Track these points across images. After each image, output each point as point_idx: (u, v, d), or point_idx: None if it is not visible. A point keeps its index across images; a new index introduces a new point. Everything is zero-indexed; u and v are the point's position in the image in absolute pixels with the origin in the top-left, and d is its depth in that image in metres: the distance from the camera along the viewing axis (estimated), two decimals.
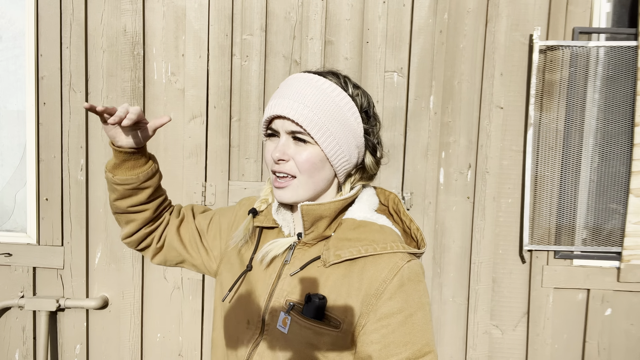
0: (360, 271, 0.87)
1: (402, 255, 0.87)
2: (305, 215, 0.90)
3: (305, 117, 0.86)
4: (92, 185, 2.05)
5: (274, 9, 1.96)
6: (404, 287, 0.84)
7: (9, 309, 2.10)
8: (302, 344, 0.85)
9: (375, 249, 0.87)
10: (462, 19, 1.95)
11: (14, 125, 2.08)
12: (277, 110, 0.87)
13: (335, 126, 0.89)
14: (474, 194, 1.99)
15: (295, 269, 0.92)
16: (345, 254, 0.87)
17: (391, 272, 0.84)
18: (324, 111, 0.87)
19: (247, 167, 2.00)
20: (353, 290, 0.85)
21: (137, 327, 2.07)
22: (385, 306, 0.83)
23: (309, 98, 0.87)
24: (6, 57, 2.06)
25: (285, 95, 0.88)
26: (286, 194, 0.90)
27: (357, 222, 0.91)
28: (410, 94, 1.96)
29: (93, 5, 1.98)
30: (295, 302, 0.88)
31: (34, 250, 2.06)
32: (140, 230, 1.09)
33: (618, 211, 1.98)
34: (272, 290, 0.93)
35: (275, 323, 0.89)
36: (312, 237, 0.93)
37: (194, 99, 1.98)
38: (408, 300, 0.84)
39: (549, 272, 2.00)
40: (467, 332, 2.03)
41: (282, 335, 0.88)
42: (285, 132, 0.88)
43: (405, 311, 0.83)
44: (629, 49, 1.91)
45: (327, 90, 0.89)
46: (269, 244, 0.94)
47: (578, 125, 1.97)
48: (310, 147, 0.88)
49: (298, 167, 0.88)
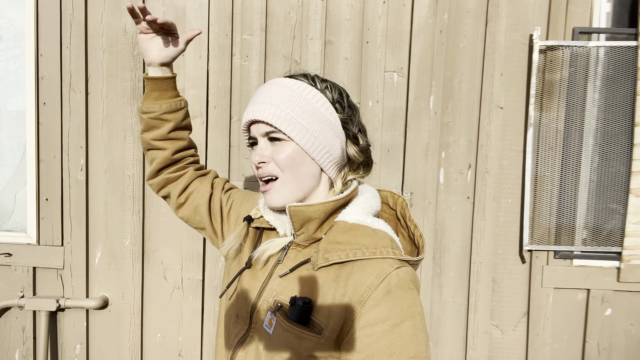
0: (347, 276, 0.83)
1: (391, 262, 0.83)
2: (293, 217, 0.90)
3: (273, 115, 0.88)
4: (92, 185, 2.05)
5: (274, 9, 1.96)
6: (390, 295, 0.79)
7: (9, 309, 2.10)
8: (284, 347, 0.84)
9: (364, 254, 0.83)
10: (462, 19, 1.95)
11: (14, 125, 2.08)
12: (249, 116, 0.91)
13: (307, 119, 0.89)
14: (474, 194, 1.99)
15: (285, 270, 0.91)
16: (333, 257, 0.85)
17: (377, 279, 0.80)
18: (292, 107, 0.89)
19: (247, 167, 2.00)
20: (338, 296, 0.83)
21: (137, 327, 2.07)
22: (369, 314, 0.79)
23: (277, 98, 0.89)
24: (6, 57, 2.06)
25: (255, 101, 0.92)
26: (273, 196, 0.91)
27: (349, 225, 0.88)
28: (410, 94, 1.96)
29: (93, 5, 1.98)
30: (283, 303, 0.88)
31: (34, 250, 2.06)
32: (161, 172, 1.16)
33: (618, 211, 1.98)
34: (262, 289, 0.93)
35: (261, 322, 0.91)
36: (303, 238, 0.92)
37: (194, 99, 1.98)
38: (395, 308, 0.79)
39: (549, 272, 2.00)
40: (467, 332, 2.03)
41: (267, 335, 0.88)
42: (261, 136, 0.91)
43: (391, 320, 0.78)
44: (629, 49, 1.91)
45: (293, 87, 0.91)
46: (265, 243, 0.96)
47: (578, 125, 1.97)
48: (286, 144, 0.89)
49: (279, 166, 0.90)
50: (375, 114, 1.97)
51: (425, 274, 2.01)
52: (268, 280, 0.94)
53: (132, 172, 2.02)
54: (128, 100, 2.00)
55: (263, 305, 0.92)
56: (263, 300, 0.92)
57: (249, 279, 0.97)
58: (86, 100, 2.01)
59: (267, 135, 0.90)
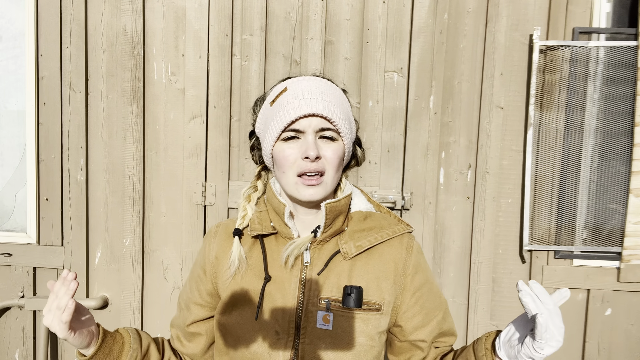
0: (380, 256, 0.96)
1: (408, 235, 1.00)
2: (328, 213, 0.93)
3: (333, 113, 0.89)
4: (92, 185, 2.05)
5: (274, 9, 1.96)
6: (420, 262, 0.99)
7: (9, 309, 2.10)
8: (352, 334, 0.90)
9: (388, 234, 0.97)
10: (462, 19, 1.95)
11: (14, 125, 2.08)
12: (307, 109, 0.87)
13: (348, 123, 0.94)
14: (474, 194, 1.99)
15: (319, 267, 0.94)
16: (365, 244, 0.95)
17: (409, 252, 0.98)
18: (342, 110, 0.93)
19: (247, 167, 2.00)
20: (382, 274, 0.95)
21: (137, 327, 2.07)
22: (414, 281, 0.97)
23: (330, 96, 0.91)
24: (6, 57, 2.06)
25: (306, 95, 0.89)
26: (318, 191, 0.91)
27: (364, 213, 1.00)
28: (410, 94, 1.96)
29: (93, 5, 1.98)
30: (331, 299, 0.92)
31: (34, 250, 2.06)
32: None
33: (618, 211, 1.98)
34: (302, 293, 0.93)
35: (313, 324, 0.91)
36: (329, 233, 0.96)
37: (194, 99, 1.98)
38: (426, 271, 1.00)
39: (549, 272, 2.00)
40: (467, 332, 2.03)
41: (326, 333, 0.90)
42: (313, 131, 0.89)
43: (428, 280, 0.99)
44: (629, 49, 1.91)
45: (336, 90, 0.96)
46: (288, 245, 0.93)
47: (578, 125, 1.97)
48: (337, 143, 0.92)
49: (329, 163, 0.91)
50: (375, 114, 1.97)
51: None
52: (304, 283, 0.93)
53: (132, 172, 2.02)
54: (128, 100, 2.00)
55: (309, 308, 0.92)
56: (307, 304, 0.92)
57: (275, 290, 0.93)
58: (86, 100, 2.01)
59: (322, 131, 0.89)
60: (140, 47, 1.98)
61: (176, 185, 2.02)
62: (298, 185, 0.90)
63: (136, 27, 1.97)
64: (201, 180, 2.00)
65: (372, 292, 0.93)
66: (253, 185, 1.06)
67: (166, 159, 2.02)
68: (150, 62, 2.00)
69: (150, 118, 2.02)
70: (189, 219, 2.01)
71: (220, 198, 2.00)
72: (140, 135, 2.01)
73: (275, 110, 0.91)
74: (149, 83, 2.01)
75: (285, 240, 0.97)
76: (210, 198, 2.00)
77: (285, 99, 0.90)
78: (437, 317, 0.99)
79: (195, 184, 2.00)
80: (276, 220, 0.97)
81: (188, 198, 2.01)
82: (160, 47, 1.99)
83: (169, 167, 2.02)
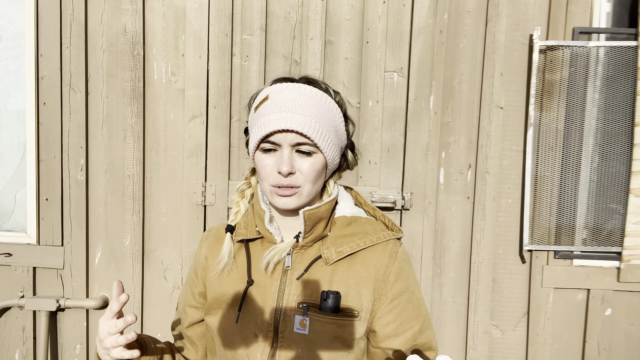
0: (363, 261, 0.94)
1: (393, 242, 0.97)
2: (307, 220, 0.93)
3: (309, 128, 0.86)
4: (92, 185, 2.05)
5: (274, 9, 1.96)
6: (403, 269, 0.96)
7: (9, 309, 2.10)
8: (328, 339, 0.90)
9: (372, 240, 0.95)
10: (462, 19, 1.95)
11: (14, 125, 2.08)
12: (280, 124, 0.86)
13: (332, 133, 0.92)
14: (474, 194, 1.99)
15: (299, 272, 0.94)
16: (346, 250, 0.94)
17: (391, 258, 0.95)
18: (323, 120, 0.89)
19: (247, 167, 1.99)
20: (362, 280, 0.93)
21: (137, 327, 2.07)
22: (393, 289, 0.94)
23: (309, 109, 0.88)
24: (6, 57, 2.06)
25: (282, 108, 0.87)
26: (292, 200, 0.91)
27: (349, 218, 0.98)
28: (410, 94, 1.96)
29: (93, 5, 1.98)
30: (309, 303, 0.92)
31: (34, 250, 2.06)
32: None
33: (618, 211, 1.98)
34: (281, 297, 0.93)
35: (291, 328, 0.91)
36: (311, 239, 0.95)
37: (194, 99, 1.98)
38: (408, 279, 0.97)
39: (549, 272, 2.00)
40: (467, 332, 2.03)
41: (302, 337, 0.90)
42: (288, 145, 0.88)
43: (408, 289, 0.96)
44: (629, 49, 1.91)
45: (321, 99, 0.91)
46: (268, 251, 0.94)
47: (578, 125, 1.97)
48: (315, 157, 0.90)
49: (304, 177, 0.90)
50: (375, 114, 1.97)
51: (425, 274, 2.01)
52: (284, 287, 0.94)
53: (132, 172, 2.02)
54: (128, 100, 2.00)
55: (287, 312, 0.92)
56: (286, 308, 0.92)
57: (256, 294, 0.95)
58: (86, 100, 2.01)
59: (297, 145, 0.88)
60: (140, 47, 1.98)
61: (176, 185, 2.02)
62: (273, 193, 0.91)
63: (136, 27, 1.97)
64: (201, 180, 2.00)
65: (352, 298, 0.92)
66: (247, 181, 1.07)
67: (166, 159, 2.02)
68: (150, 62, 2.00)
69: (150, 118, 2.02)
70: (189, 219, 2.01)
71: (220, 198, 2.00)
72: (140, 135, 2.01)
73: (257, 118, 0.91)
74: (149, 83, 2.01)
75: (270, 244, 0.98)
76: (210, 198, 2.00)
77: (265, 109, 0.90)
78: (413, 328, 0.94)
79: (195, 184, 2.00)
80: (260, 225, 0.98)
81: (188, 198, 2.01)
82: (160, 47, 1.99)
83: (169, 167, 2.02)
